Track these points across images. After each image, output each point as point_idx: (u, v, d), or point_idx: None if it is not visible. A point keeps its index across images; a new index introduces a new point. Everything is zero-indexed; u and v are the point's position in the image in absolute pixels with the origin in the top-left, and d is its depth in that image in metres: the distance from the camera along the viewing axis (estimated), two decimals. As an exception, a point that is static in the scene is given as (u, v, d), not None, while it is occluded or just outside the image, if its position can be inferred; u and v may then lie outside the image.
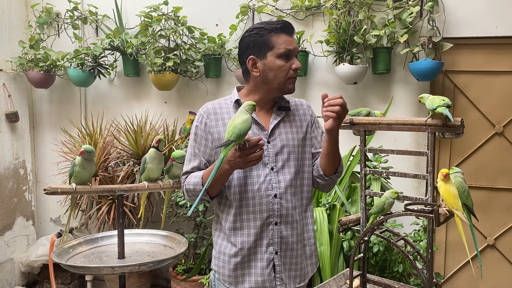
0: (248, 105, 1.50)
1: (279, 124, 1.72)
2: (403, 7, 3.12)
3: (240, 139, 1.45)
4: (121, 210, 2.32)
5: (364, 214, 1.92)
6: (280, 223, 1.67)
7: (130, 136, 3.58)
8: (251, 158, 1.48)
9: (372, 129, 1.90)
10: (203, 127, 1.71)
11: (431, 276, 1.59)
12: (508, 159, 3.27)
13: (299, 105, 1.82)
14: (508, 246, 3.34)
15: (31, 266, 3.86)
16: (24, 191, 4.05)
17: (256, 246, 1.67)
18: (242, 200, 1.66)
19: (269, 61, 1.63)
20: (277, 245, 1.67)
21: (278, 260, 1.68)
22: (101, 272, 2.14)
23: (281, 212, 1.67)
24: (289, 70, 1.64)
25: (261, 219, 1.65)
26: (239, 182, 1.66)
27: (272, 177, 1.66)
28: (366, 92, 3.38)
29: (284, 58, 1.62)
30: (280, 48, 1.61)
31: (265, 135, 1.68)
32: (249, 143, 1.47)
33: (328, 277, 2.65)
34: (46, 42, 3.93)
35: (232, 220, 1.68)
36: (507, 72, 3.21)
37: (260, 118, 1.71)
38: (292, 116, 1.77)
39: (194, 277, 3.35)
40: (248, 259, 1.68)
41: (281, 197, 1.67)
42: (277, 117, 1.72)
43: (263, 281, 1.67)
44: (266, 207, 1.65)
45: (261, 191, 1.65)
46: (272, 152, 1.68)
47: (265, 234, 1.66)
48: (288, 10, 3.47)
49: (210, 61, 3.52)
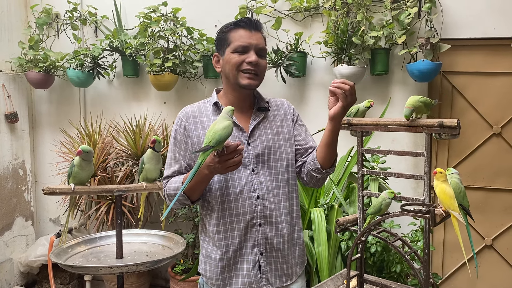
0: (229, 110, 1.49)
1: (259, 125, 1.71)
2: (401, 8, 3.13)
3: (219, 145, 1.44)
4: (120, 210, 2.33)
5: (361, 214, 1.93)
6: (264, 224, 1.67)
7: (129, 137, 3.59)
8: (230, 164, 1.47)
9: (369, 130, 1.91)
10: (182, 130, 1.70)
11: (428, 276, 1.60)
12: (505, 160, 3.28)
13: (279, 105, 1.81)
14: (506, 247, 3.35)
15: (30, 266, 3.86)
16: (23, 191, 4.06)
17: (241, 248, 1.67)
18: (224, 203, 1.65)
19: (226, 56, 1.65)
20: (262, 246, 1.67)
21: (264, 260, 1.68)
22: (99, 272, 2.15)
23: (265, 213, 1.67)
24: (242, 63, 1.62)
25: (244, 221, 1.65)
26: (220, 185, 1.65)
27: (254, 178, 1.66)
28: (364, 93, 3.39)
29: (239, 52, 1.62)
30: (235, 43, 1.62)
31: (245, 137, 1.68)
32: (228, 148, 1.46)
33: (326, 277, 2.66)
34: (45, 43, 3.94)
35: (215, 223, 1.67)
36: (505, 73, 3.22)
37: (239, 120, 1.70)
38: (272, 116, 1.76)
39: (192, 277, 3.36)
40: (234, 261, 1.68)
41: (264, 198, 1.66)
42: (257, 118, 1.72)
43: (250, 282, 1.67)
44: (249, 208, 1.65)
45: (244, 193, 1.65)
46: (252, 153, 1.67)
47: (249, 236, 1.66)
48: (287, 11, 3.48)
49: (209, 61, 3.53)
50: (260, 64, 1.64)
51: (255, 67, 1.63)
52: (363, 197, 1.94)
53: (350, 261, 1.67)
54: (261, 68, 1.65)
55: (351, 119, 1.98)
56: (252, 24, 1.64)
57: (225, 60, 1.65)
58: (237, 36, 1.62)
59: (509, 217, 3.32)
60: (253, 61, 1.61)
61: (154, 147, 2.28)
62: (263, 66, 1.66)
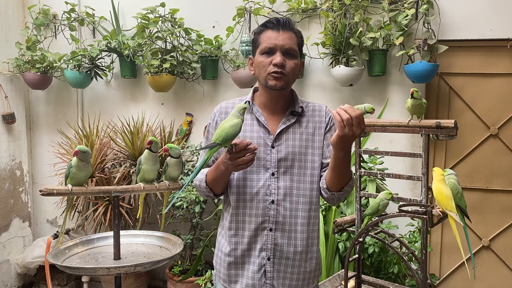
0: (241, 108, 1.50)
1: (288, 129, 1.67)
2: (398, 10, 3.14)
3: (227, 143, 1.45)
4: (117, 211, 2.32)
5: (359, 215, 1.93)
6: (276, 229, 1.64)
7: (126, 138, 3.58)
8: (239, 162, 1.47)
9: (367, 130, 1.92)
10: (214, 124, 1.73)
11: (426, 277, 1.60)
12: (503, 160, 3.29)
13: (317, 110, 1.74)
14: (503, 247, 3.36)
15: (28, 267, 3.85)
16: (21, 192, 4.05)
17: (250, 249, 1.66)
18: (240, 202, 1.65)
19: (256, 58, 1.66)
20: (270, 251, 1.64)
21: (270, 266, 1.65)
22: (97, 273, 2.14)
23: (277, 219, 1.64)
24: (269, 65, 1.60)
25: (256, 222, 1.64)
26: (238, 183, 1.65)
27: (272, 182, 1.64)
28: (361, 94, 3.40)
29: (266, 54, 1.61)
30: (263, 44, 1.62)
31: (270, 139, 1.65)
32: (236, 147, 1.45)
33: (323, 278, 2.66)
34: (43, 44, 3.94)
35: (229, 219, 1.68)
36: (502, 75, 3.23)
37: (269, 122, 1.68)
38: (306, 122, 1.70)
39: (190, 278, 3.36)
40: (242, 260, 1.67)
41: (279, 204, 1.63)
42: (287, 121, 1.68)
43: (253, 284, 1.65)
44: (262, 211, 1.63)
45: (259, 195, 1.63)
46: (275, 157, 1.64)
47: (259, 239, 1.65)
48: (285, 13, 3.49)
49: (207, 62, 3.53)
50: (287, 64, 1.61)
51: (281, 68, 1.60)
52: (361, 198, 1.94)
53: (348, 261, 1.67)
54: (287, 68, 1.61)
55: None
56: (280, 24, 1.62)
57: (255, 62, 1.66)
58: (265, 38, 1.62)
59: (506, 218, 3.33)
60: (277, 62, 1.58)
61: (151, 148, 2.27)
62: (291, 67, 1.62)
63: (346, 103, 3.37)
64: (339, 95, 3.46)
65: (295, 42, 1.64)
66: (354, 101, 3.41)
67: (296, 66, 1.64)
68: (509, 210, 3.32)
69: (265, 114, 1.69)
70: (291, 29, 1.63)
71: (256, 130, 1.66)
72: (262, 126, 1.66)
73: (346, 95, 3.44)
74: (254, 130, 1.66)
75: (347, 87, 3.39)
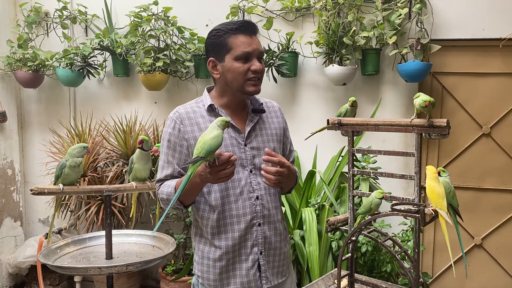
0: (220, 121, 1.47)
1: (255, 126, 1.73)
2: (392, 9, 3.15)
3: (210, 156, 1.42)
4: (109, 210, 2.31)
5: (352, 214, 1.93)
6: (263, 223, 1.69)
7: (119, 137, 3.57)
8: (221, 175, 1.46)
9: (359, 129, 1.92)
10: (176, 133, 1.67)
11: (418, 275, 1.60)
12: (495, 160, 3.31)
13: (270, 107, 1.83)
14: (495, 246, 3.38)
15: (19, 267, 3.82)
16: (12, 191, 4.02)
17: (241, 248, 1.67)
18: (225, 205, 1.65)
19: (227, 63, 1.61)
20: (261, 245, 1.69)
21: (263, 259, 1.70)
22: (88, 273, 2.13)
23: (263, 213, 1.69)
24: (248, 72, 1.60)
25: (245, 221, 1.66)
26: (220, 187, 1.65)
27: (252, 179, 1.68)
28: (355, 93, 3.40)
29: (242, 60, 1.59)
30: (238, 50, 1.58)
31: (242, 138, 1.69)
32: (219, 160, 1.44)
33: (316, 277, 2.66)
34: (34, 42, 3.90)
35: (215, 225, 1.67)
36: (495, 74, 3.25)
37: (236, 121, 1.70)
38: (266, 118, 1.78)
39: (183, 278, 3.35)
40: (233, 261, 1.68)
41: (262, 198, 1.69)
42: (253, 119, 1.73)
43: (249, 281, 1.68)
44: (249, 209, 1.66)
45: (244, 194, 1.66)
46: (250, 154, 1.68)
47: (249, 236, 1.67)
48: (278, 11, 3.48)
49: (200, 61, 3.52)
50: (263, 69, 1.65)
51: (260, 74, 1.63)
52: (354, 196, 1.95)
53: (341, 260, 1.67)
54: (263, 72, 1.66)
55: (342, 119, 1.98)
56: (251, 28, 1.62)
57: (227, 67, 1.61)
58: (239, 43, 1.59)
59: (498, 217, 3.35)
60: (258, 69, 1.60)
61: (143, 147, 2.26)
62: (264, 70, 1.66)
63: (340, 102, 3.39)
64: (333, 94, 3.46)
65: None
66: (348, 100, 3.40)
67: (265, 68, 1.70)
68: (501, 209, 3.34)
69: (228, 113, 1.70)
70: (257, 32, 1.66)
71: (226, 130, 1.64)
72: (231, 126, 1.67)
73: (339, 94, 3.45)
74: (225, 131, 1.62)
75: (341, 86, 3.39)
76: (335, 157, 3.34)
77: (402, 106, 3.35)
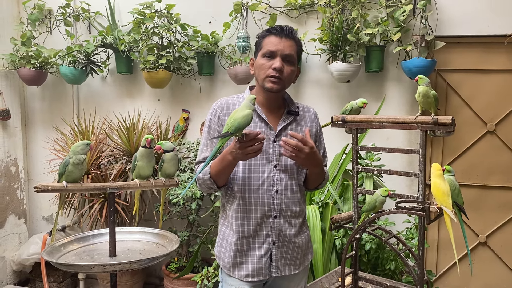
0: (252, 99, 1.59)
1: (287, 126, 1.83)
2: (396, 6, 3.13)
3: (238, 132, 1.54)
4: (113, 208, 2.30)
5: (356, 212, 1.92)
6: (280, 216, 1.78)
7: (122, 134, 3.56)
8: (249, 151, 1.58)
9: (364, 127, 1.91)
10: (216, 120, 1.82)
11: (422, 273, 1.60)
12: (499, 157, 3.29)
13: (306, 111, 1.92)
14: (499, 244, 3.36)
15: (23, 264, 3.83)
16: (16, 189, 4.03)
17: (256, 236, 1.78)
18: (246, 192, 1.77)
19: (257, 60, 1.80)
20: (275, 236, 1.78)
21: (276, 250, 1.79)
22: (92, 270, 2.13)
23: (281, 207, 1.78)
24: (269, 69, 1.73)
25: (262, 211, 1.77)
26: (244, 175, 1.77)
27: (275, 174, 1.78)
28: (359, 90, 3.39)
29: (267, 57, 1.74)
30: (265, 48, 1.75)
31: (272, 135, 1.79)
32: (247, 136, 1.55)
33: (320, 275, 2.66)
34: (38, 39, 3.91)
35: (235, 209, 1.79)
36: (499, 71, 3.22)
37: (269, 119, 1.81)
38: (300, 121, 1.88)
39: (187, 275, 3.35)
40: (247, 247, 1.79)
41: (282, 193, 1.78)
42: (286, 119, 1.83)
43: (259, 268, 1.78)
44: (267, 201, 1.77)
45: (264, 185, 1.76)
46: (277, 151, 1.78)
47: (264, 226, 1.78)
48: (282, 8, 3.47)
49: (204, 58, 3.51)
50: (285, 69, 1.74)
51: (279, 73, 1.72)
52: (358, 194, 1.94)
53: (345, 258, 1.67)
54: (285, 74, 1.74)
55: (346, 117, 1.97)
56: (283, 31, 1.75)
57: (256, 64, 1.79)
58: (268, 42, 1.75)
59: (503, 214, 3.33)
60: (277, 67, 1.71)
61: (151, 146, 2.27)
62: (288, 72, 1.75)
63: (344, 99, 3.38)
64: (336, 91, 3.45)
65: (295, 50, 1.77)
66: (351, 97, 3.40)
67: (292, 72, 1.78)
68: (505, 206, 3.32)
69: (264, 111, 1.81)
70: (293, 37, 1.77)
71: (258, 125, 1.78)
72: (263, 122, 1.79)
73: (343, 91, 3.43)
74: (257, 126, 1.77)
75: (345, 83, 3.38)
76: (339, 154, 3.32)
77: (406, 103, 3.34)
